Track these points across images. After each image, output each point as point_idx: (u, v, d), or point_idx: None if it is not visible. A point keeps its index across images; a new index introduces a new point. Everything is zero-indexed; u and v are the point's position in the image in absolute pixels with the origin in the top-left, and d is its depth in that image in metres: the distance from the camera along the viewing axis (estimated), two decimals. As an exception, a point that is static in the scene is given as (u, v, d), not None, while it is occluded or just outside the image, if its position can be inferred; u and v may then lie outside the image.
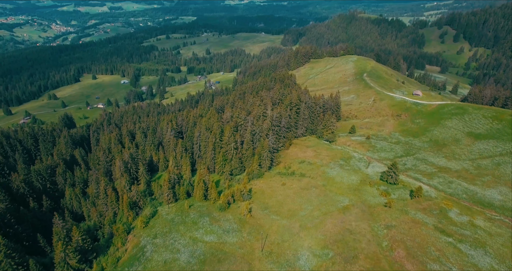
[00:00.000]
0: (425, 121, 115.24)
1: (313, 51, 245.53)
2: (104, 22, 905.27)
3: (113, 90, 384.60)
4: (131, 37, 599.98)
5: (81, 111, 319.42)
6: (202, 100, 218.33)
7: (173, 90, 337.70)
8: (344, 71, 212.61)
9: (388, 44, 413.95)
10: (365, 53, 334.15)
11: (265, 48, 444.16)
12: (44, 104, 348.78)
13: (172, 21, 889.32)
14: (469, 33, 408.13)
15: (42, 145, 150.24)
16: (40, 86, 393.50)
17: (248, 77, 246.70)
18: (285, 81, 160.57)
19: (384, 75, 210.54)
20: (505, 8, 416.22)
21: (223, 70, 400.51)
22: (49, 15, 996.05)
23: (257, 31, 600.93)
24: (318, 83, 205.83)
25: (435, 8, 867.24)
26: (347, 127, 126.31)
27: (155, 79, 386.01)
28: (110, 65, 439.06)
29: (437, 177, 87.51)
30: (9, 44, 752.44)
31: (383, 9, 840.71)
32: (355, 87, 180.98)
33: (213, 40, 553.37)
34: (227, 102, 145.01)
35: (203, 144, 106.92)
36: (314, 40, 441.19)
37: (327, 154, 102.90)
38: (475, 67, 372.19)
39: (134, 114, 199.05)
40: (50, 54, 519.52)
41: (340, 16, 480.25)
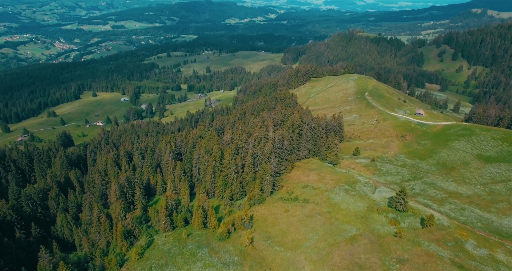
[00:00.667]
0: (431, 143, 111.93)
1: (314, 69, 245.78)
2: (106, 40, 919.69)
3: (113, 108, 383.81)
4: (132, 55, 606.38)
5: (80, 129, 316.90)
6: (202, 119, 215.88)
7: (173, 108, 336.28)
8: (345, 90, 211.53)
9: (388, 62, 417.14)
10: (365, 72, 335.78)
11: (265, 67, 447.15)
12: (43, 122, 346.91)
13: (173, 39, 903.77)
14: (467, 52, 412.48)
15: (37, 165, 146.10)
16: (40, 103, 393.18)
17: (248, 95, 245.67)
18: (286, 101, 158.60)
19: (386, 94, 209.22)
20: (500, 28, 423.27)
21: (223, 88, 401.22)
22: (53, 33, 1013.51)
23: (257, 50, 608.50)
24: (319, 102, 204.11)
25: (431, 27, 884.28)
26: (351, 149, 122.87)
27: (155, 97, 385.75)
28: (111, 83, 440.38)
29: (448, 203, 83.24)
30: (12, 62, 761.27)
31: (381, 28, 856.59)
32: (357, 107, 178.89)
33: (213, 58, 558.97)
34: (227, 122, 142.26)
35: (202, 166, 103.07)
36: (314, 59, 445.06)
37: (331, 177, 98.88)
38: (475, 85, 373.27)
39: (132, 134, 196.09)
40: (52, 71, 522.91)
41: (339, 35, 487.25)
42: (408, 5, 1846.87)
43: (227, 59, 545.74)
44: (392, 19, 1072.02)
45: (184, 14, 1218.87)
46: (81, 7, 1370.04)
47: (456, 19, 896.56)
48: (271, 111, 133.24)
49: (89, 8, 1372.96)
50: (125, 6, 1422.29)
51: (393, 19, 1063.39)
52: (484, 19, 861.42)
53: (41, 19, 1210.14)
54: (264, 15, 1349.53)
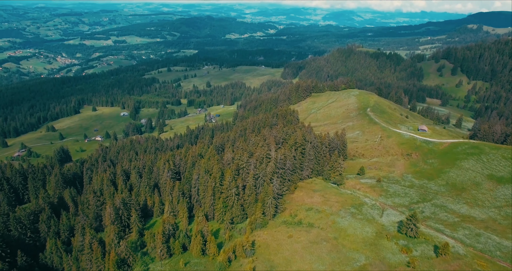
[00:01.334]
0: (439, 162, 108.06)
1: (314, 85, 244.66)
2: (108, 54, 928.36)
3: (112, 123, 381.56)
4: (133, 70, 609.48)
5: (78, 144, 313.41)
6: (202, 135, 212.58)
7: (173, 123, 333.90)
8: (346, 105, 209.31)
9: (387, 77, 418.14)
10: (366, 87, 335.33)
11: (265, 81, 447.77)
12: (41, 136, 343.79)
13: (174, 54, 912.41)
14: (466, 67, 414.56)
15: (31, 183, 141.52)
16: (39, 117, 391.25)
17: (249, 111, 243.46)
18: (287, 117, 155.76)
19: (388, 110, 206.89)
20: (498, 44, 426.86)
21: (223, 103, 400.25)
22: (55, 48, 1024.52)
23: (257, 64, 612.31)
24: (320, 118, 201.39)
25: (429, 42, 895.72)
26: (355, 168, 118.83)
27: (155, 112, 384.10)
28: (111, 97, 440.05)
29: (461, 227, 78.60)
30: (14, 76, 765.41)
31: (379, 43, 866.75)
32: (359, 123, 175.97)
33: (213, 73, 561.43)
34: (227, 139, 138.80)
35: (201, 187, 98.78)
36: (314, 74, 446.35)
37: (336, 199, 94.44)
38: (475, 100, 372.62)
39: (131, 150, 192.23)
40: (52, 86, 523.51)
41: (339, 50, 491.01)
42: (405, 20, 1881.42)
43: (227, 74, 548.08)
44: (390, 34, 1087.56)
45: (185, 29, 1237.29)
46: (84, 23, 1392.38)
47: (453, 34, 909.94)
48: (272, 129, 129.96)
49: (92, 24, 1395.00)
50: (127, 21, 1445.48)
51: (391, 35, 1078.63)
52: (480, 35, 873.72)
53: (44, 35, 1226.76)
54: (264, 30, 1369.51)
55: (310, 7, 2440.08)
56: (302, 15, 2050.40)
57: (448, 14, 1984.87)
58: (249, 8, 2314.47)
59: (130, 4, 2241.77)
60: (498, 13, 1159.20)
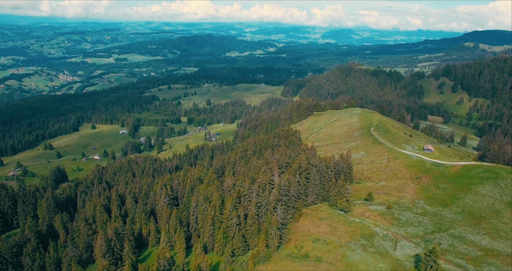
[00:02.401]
0: (452, 187, 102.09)
1: (316, 103, 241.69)
2: (109, 72, 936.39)
3: (111, 141, 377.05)
4: (133, 87, 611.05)
5: (76, 163, 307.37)
6: (202, 155, 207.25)
7: (172, 142, 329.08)
8: (349, 125, 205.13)
9: (388, 95, 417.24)
10: (367, 105, 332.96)
11: (266, 99, 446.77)
12: (38, 155, 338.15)
13: (175, 72, 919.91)
14: (467, 84, 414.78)
15: (21, 208, 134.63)
16: (37, 135, 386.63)
17: (249, 130, 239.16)
18: (289, 138, 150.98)
19: (391, 129, 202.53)
20: (497, 61, 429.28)
21: (223, 121, 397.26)
22: (58, 65, 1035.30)
23: (257, 82, 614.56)
24: (323, 138, 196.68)
25: (427, 60, 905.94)
26: (362, 193, 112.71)
27: (155, 130, 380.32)
28: (110, 115, 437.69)
29: (486, 263, 71.83)
30: (16, 93, 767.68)
31: (378, 61, 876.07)
32: (363, 143, 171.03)
33: (214, 91, 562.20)
34: (228, 162, 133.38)
35: (200, 216, 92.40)
36: (314, 91, 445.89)
37: (345, 229, 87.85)
38: (477, 117, 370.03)
39: (128, 171, 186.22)
40: (53, 103, 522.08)
41: (338, 68, 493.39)
42: (402, 38, 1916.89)
43: (228, 92, 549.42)
44: (388, 52, 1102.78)
45: (186, 47, 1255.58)
46: (87, 41, 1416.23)
47: (450, 52, 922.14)
48: (275, 152, 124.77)
49: (94, 42, 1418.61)
50: (129, 40, 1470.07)
51: (389, 52, 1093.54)
52: (477, 53, 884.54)
53: (47, 52, 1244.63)
54: (264, 48, 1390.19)
55: (309, 25, 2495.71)
56: (301, 33, 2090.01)
57: (444, 33, 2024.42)
58: (249, 26, 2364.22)
59: (132, 23, 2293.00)
60: (493, 31, 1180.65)
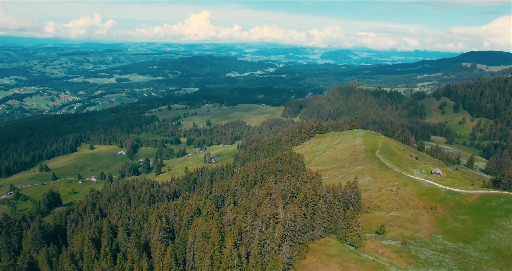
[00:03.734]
0: (472, 220, 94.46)
1: (318, 125, 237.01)
2: (110, 92, 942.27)
3: (109, 162, 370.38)
4: (134, 107, 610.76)
5: (71, 185, 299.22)
6: (201, 179, 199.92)
7: (171, 164, 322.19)
8: (353, 147, 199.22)
9: (389, 115, 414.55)
10: (369, 125, 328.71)
11: (266, 120, 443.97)
12: (34, 176, 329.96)
13: (175, 92, 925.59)
14: (468, 104, 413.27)
15: (4, 239, 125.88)
16: (34, 156, 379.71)
17: (250, 153, 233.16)
18: (292, 162, 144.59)
19: (397, 152, 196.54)
20: (498, 82, 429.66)
21: (223, 142, 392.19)
22: (59, 85, 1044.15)
23: (258, 103, 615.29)
24: (326, 162, 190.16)
25: (426, 79, 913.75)
26: (372, 224, 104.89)
27: (154, 151, 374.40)
28: (109, 135, 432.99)
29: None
30: (16, 113, 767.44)
31: (377, 81, 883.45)
32: (369, 167, 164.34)
33: (214, 111, 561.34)
34: (228, 189, 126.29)
35: (198, 253, 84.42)
36: (315, 112, 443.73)
37: (358, 268, 79.63)
38: (481, 137, 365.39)
39: (123, 197, 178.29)
40: (52, 123, 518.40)
41: (339, 88, 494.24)
42: (400, 59, 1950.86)
43: (228, 112, 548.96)
44: (387, 72, 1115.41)
45: (186, 68, 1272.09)
46: (89, 62, 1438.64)
47: (449, 72, 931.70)
48: (277, 178, 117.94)
49: (97, 62, 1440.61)
50: (130, 60, 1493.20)
51: (388, 72, 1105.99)
52: (475, 72, 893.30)
53: (50, 73, 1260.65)
54: (264, 69, 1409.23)
55: (308, 46, 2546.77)
56: (300, 54, 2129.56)
57: (441, 53, 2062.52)
58: (249, 47, 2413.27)
59: (134, 44, 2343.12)
60: (489, 52, 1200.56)
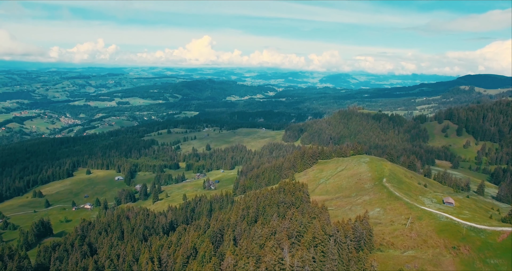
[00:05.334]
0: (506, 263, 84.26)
1: (320, 151, 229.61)
2: (111, 115, 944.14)
3: (105, 188, 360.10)
4: (133, 131, 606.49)
5: (64, 213, 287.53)
6: (199, 208, 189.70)
7: (169, 190, 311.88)
8: (358, 175, 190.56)
9: (392, 139, 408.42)
10: (371, 149, 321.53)
11: (267, 145, 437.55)
12: (26, 203, 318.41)
13: (175, 115, 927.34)
14: (472, 128, 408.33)
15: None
16: (28, 181, 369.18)
17: (250, 180, 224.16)
18: (296, 193, 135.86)
19: (405, 179, 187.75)
20: (500, 105, 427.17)
21: (223, 167, 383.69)
22: (60, 109, 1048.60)
23: (258, 126, 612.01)
24: (331, 190, 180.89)
25: (425, 102, 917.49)
26: (388, 266, 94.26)
27: (152, 176, 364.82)
28: (107, 160, 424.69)
29: None
30: (16, 136, 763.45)
31: (377, 104, 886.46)
32: (377, 197, 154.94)
33: (213, 136, 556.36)
34: (227, 223, 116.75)
35: (192, 304, 74.20)
36: (316, 136, 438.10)
37: None
38: (488, 161, 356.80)
39: (116, 228, 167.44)
40: (50, 146, 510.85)
41: (340, 112, 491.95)
42: (398, 82, 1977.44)
43: (228, 137, 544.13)
44: (386, 95, 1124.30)
45: (187, 91, 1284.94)
46: (91, 85, 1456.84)
47: (447, 95, 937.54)
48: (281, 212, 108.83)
49: (98, 86, 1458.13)
50: (132, 84, 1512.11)
51: (387, 96, 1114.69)
52: (473, 95, 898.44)
53: (52, 96, 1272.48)
54: (263, 93, 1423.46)
55: (307, 70, 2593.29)
56: (299, 78, 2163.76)
57: (438, 76, 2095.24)
58: (249, 72, 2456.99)
59: (136, 68, 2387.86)
60: (485, 75, 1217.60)
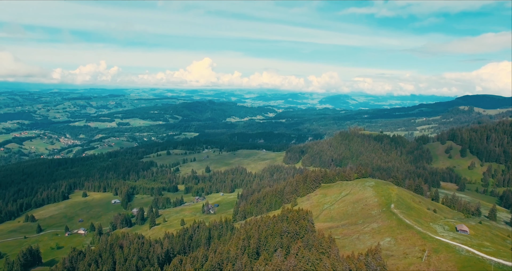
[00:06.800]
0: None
1: (323, 174, 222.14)
2: (110, 136, 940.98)
3: (101, 212, 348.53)
4: (132, 152, 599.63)
5: (56, 239, 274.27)
6: (197, 236, 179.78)
7: (167, 214, 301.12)
8: (364, 200, 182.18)
9: (395, 160, 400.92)
10: (375, 172, 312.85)
11: (267, 167, 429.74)
12: (16, 228, 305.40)
13: (175, 136, 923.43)
14: (476, 148, 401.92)
15: None
16: (22, 204, 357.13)
17: (251, 205, 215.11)
18: (300, 222, 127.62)
19: (413, 204, 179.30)
20: (503, 125, 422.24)
21: (222, 190, 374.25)
22: (61, 129, 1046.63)
23: (258, 148, 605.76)
24: (336, 217, 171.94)
25: (425, 123, 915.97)
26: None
27: (149, 200, 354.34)
28: (104, 182, 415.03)
29: None
30: (14, 156, 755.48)
31: (377, 125, 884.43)
32: (386, 225, 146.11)
33: (213, 157, 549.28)
34: (227, 257, 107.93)
35: None
36: (317, 158, 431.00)
37: None
38: (495, 183, 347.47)
39: (108, 259, 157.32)
40: (47, 168, 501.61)
41: (341, 133, 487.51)
42: (397, 103, 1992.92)
43: (228, 158, 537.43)
44: (385, 116, 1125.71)
45: (187, 113, 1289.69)
46: (92, 106, 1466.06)
47: (447, 115, 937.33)
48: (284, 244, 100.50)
49: (99, 107, 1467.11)
50: (132, 105, 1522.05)
51: (387, 116, 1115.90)
52: (473, 116, 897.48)
53: (52, 117, 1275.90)
54: (263, 114, 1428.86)
55: (306, 92, 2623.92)
56: (299, 99, 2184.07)
57: (436, 97, 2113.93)
58: (249, 93, 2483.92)
59: (137, 89, 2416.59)
60: (483, 96, 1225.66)
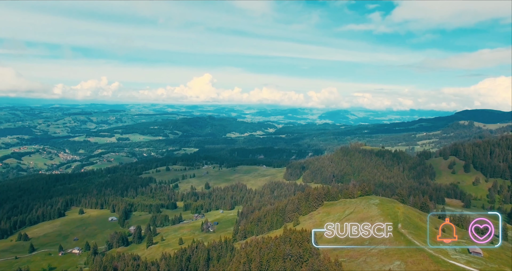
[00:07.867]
0: None
1: (326, 192, 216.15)
2: (110, 151, 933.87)
3: (97, 230, 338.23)
4: (131, 168, 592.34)
5: (49, 259, 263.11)
6: (195, 257, 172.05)
7: (165, 232, 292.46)
8: (369, 219, 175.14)
9: (397, 176, 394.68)
10: (377, 188, 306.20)
11: (267, 183, 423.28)
12: (8, 247, 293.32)
13: (175, 152, 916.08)
14: (479, 164, 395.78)
15: None
16: (16, 222, 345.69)
17: (251, 224, 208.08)
18: (303, 244, 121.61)
19: (421, 224, 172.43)
20: (506, 140, 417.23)
21: (222, 207, 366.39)
22: (60, 144, 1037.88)
23: (258, 164, 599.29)
24: (340, 237, 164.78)
25: (425, 137, 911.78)
26: None
27: (147, 217, 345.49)
28: (102, 199, 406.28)
29: None
30: (12, 172, 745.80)
31: (377, 140, 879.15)
32: (394, 246, 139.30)
33: (213, 173, 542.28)
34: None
35: None
36: (318, 174, 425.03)
37: None
38: (501, 200, 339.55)
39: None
40: (44, 184, 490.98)
41: (342, 149, 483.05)
42: (396, 118, 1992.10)
43: (227, 174, 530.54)
44: (386, 131, 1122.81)
45: (187, 128, 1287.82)
46: (92, 121, 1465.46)
47: (447, 130, 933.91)
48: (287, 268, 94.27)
49: (99, 122, 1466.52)
50: (133, 120, 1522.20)
51: (387, 131, 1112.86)
52: (473, 130, 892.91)
53: (52, 132, 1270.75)
54: (263, 129, 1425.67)
55: (306, 107, 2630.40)
56: (299, 114, 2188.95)
57: (435, 112, 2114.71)
58: (249, 109, 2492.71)
59: (137, 105, 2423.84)
60: (482, 110, 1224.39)
